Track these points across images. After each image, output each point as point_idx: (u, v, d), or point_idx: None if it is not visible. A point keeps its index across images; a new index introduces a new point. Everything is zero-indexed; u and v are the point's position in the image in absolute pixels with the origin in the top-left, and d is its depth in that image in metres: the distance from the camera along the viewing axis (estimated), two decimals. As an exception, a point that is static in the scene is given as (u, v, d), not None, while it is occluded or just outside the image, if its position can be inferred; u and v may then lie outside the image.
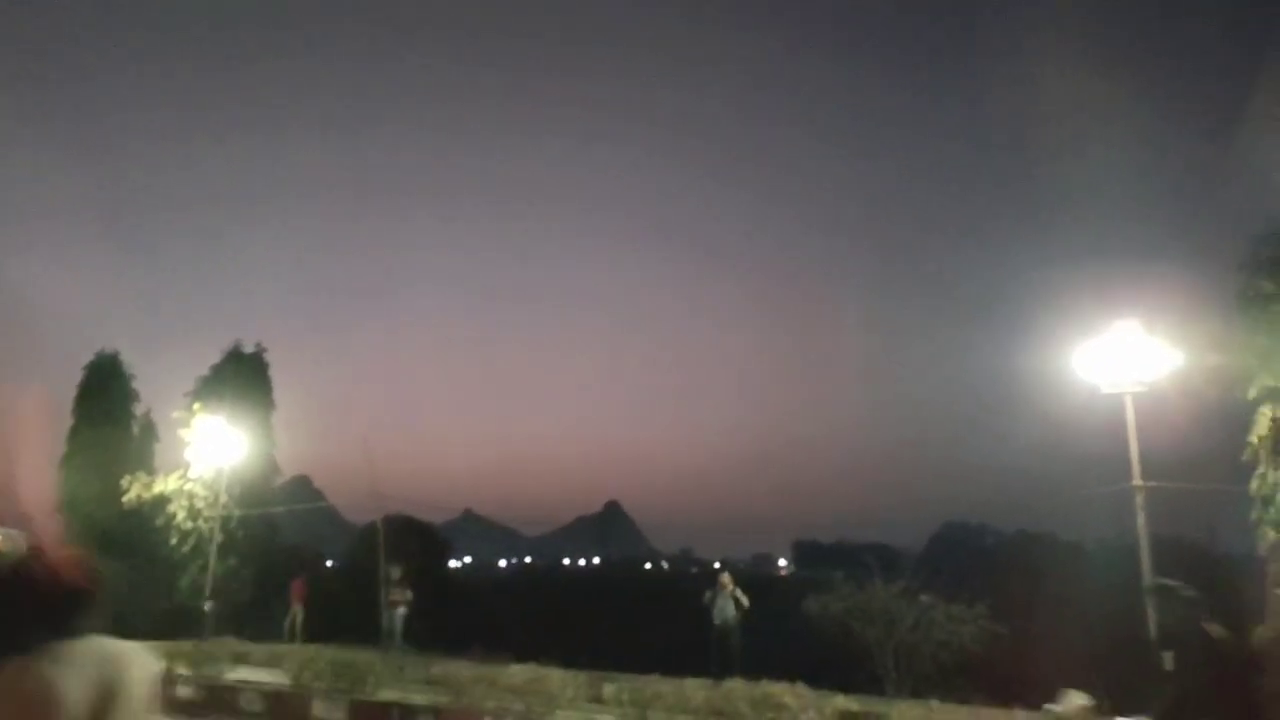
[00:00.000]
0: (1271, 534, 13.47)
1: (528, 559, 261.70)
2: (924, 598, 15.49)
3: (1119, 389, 13.23)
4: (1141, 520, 13.03)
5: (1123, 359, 13.23)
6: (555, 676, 11.11)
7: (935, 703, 9.60)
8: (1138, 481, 13.04)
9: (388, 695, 12.32)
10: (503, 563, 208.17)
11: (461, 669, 12.96)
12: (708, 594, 15.87)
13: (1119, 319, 13.36)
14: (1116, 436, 13.42)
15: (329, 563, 35.63)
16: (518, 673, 11.33)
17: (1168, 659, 11.96)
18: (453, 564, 45.82)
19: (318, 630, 22.96)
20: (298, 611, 23.09)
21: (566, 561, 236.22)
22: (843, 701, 9.57)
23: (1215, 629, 4.67)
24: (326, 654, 13.84)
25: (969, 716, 9.08)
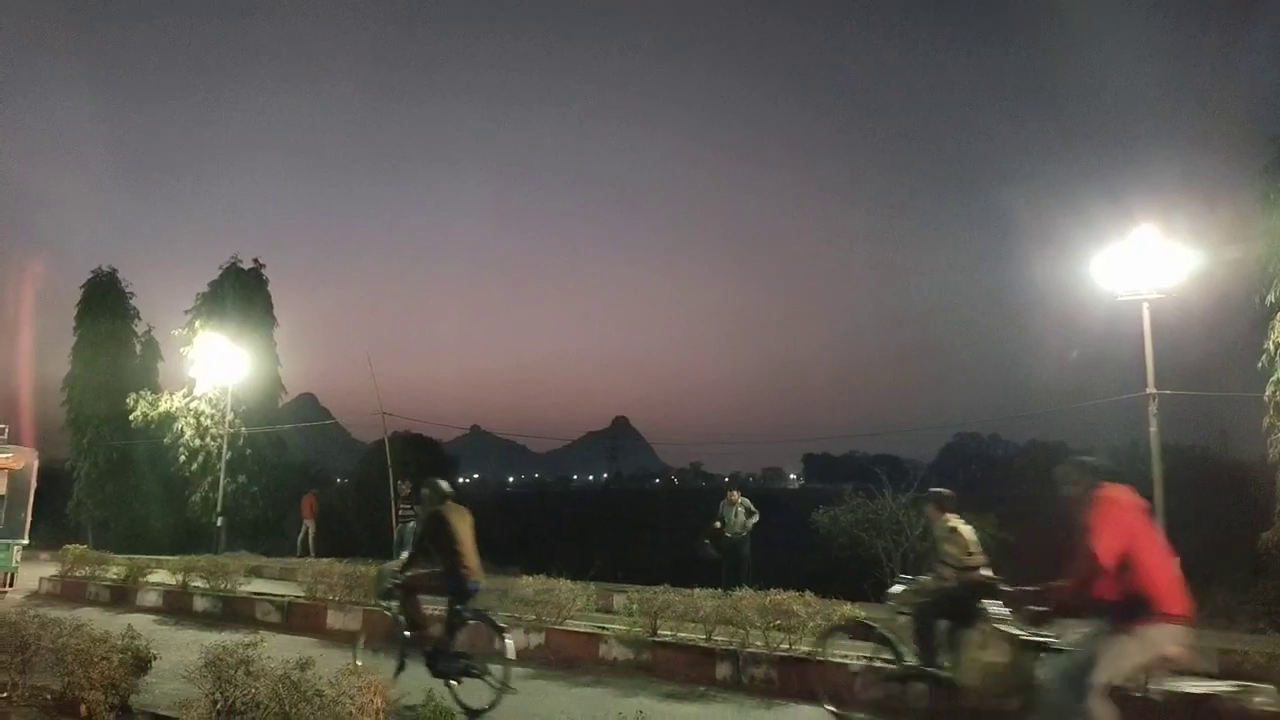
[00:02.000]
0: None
1: (536, 475, 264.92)
2: (932, 507, 15.51)
3: (1137, 295, 12.99)
4: (1154, 428, 12.91)
5: (1141, 265, 12.97)
6: (565, 587, 11.09)
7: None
8: (1152, 389, 12.89)
9: (400, 606, 12.40)
10: (511, 479, 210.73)
11: (472, 581, 13.00)
12: (712, 526, 15.86)
13: (1138, 224, 13.06)
14: (1129, 342, 13.25)
15: (338, 480, 35.94)
16: (528, 584, 11.32)
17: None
18: (460, 480, 46.20)
19: (329, 545, 23.18)
20: (309, 526, 23.22)
21: (575, 477, 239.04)
22: (849, 610, 9.54)
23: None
24: (339, 567, 13.90)
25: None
